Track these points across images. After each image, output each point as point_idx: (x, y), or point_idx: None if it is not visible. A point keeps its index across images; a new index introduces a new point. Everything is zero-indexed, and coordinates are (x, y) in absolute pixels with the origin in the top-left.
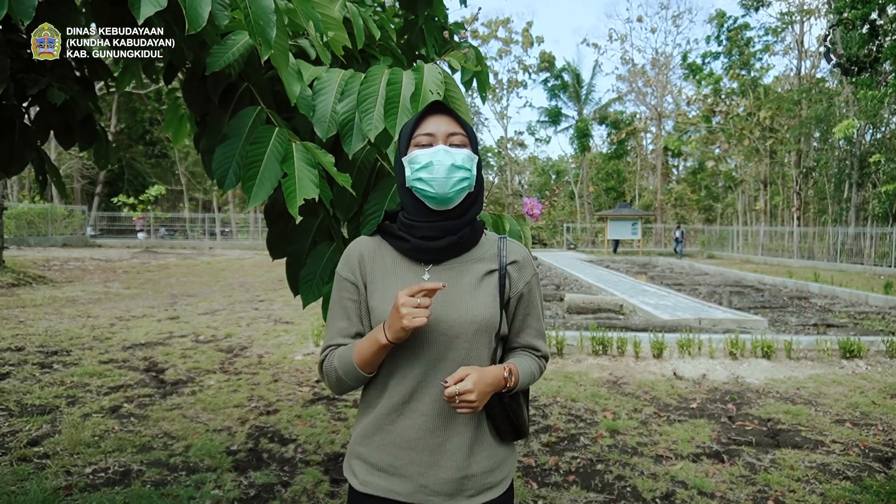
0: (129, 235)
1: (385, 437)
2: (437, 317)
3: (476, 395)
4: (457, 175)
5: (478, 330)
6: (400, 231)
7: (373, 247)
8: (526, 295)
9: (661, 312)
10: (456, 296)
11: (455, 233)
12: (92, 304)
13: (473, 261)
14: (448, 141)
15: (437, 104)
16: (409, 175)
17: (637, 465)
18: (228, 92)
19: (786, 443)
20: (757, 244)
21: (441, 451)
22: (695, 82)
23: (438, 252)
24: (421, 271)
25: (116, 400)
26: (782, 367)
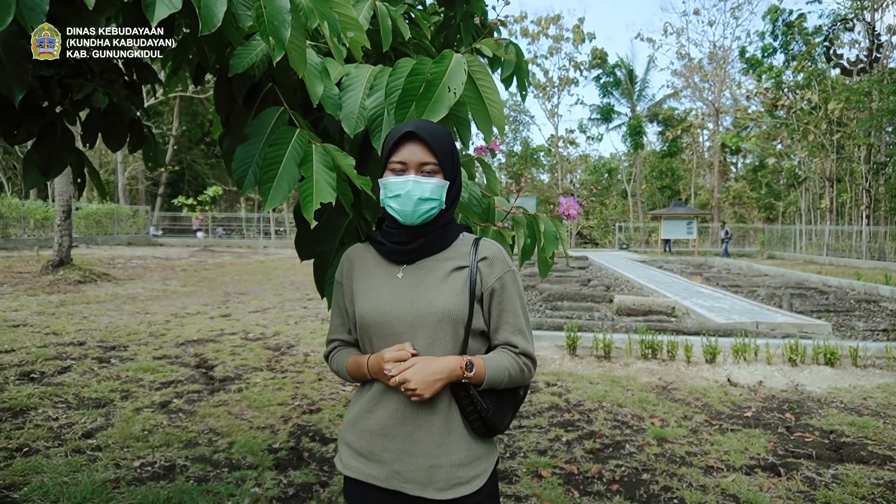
0: (189, 235)
1: (365, 424)
2: (403, 310)
3: (415, 383)
4: (424, 207)
5: (440, 320)
6: (380, 237)
7: (360, 252)
8: (498, 290)
9: (716, 315)
10: (423, 290)
11: (424, 237)
12: (150, 301)
13: (444, 259)
14: (420, 170)
15: (412, 133)
16: (383, 198)
17: (685, 475)
18: (254, 92)
19: (850, 457)
20: (822, 244)
21: (412, 440)
22: (755, 76)
23: (410, 253)
24: (396, 270)
25: (167, 395)
26: (847, 375)
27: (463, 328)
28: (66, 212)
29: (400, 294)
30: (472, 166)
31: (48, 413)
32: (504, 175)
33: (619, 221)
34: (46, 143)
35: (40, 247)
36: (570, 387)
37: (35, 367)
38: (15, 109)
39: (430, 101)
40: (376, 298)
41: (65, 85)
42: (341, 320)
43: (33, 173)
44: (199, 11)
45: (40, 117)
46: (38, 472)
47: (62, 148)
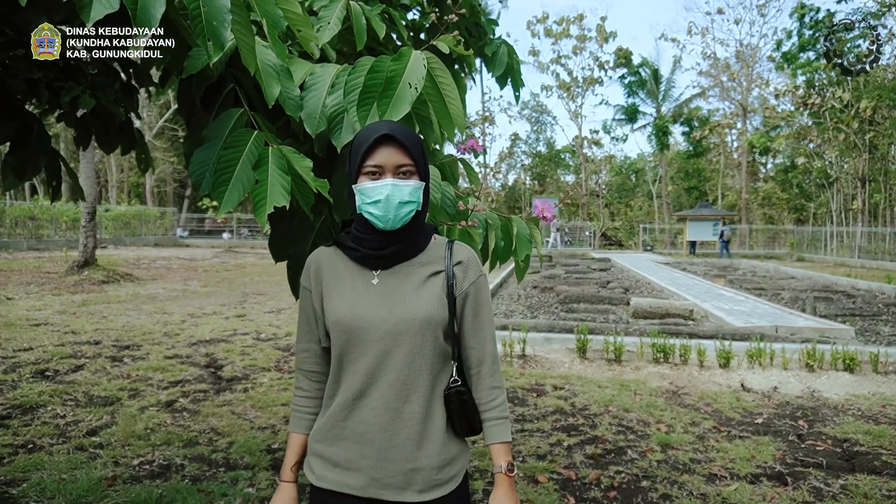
0: (215, 235)
1: (338, 433)
2: (382, 316)
3: None
4: (404, 210)
5: (421, 326)
6: (352, 243)
7: (328, 256)
8: (472, 295)
9: (735, 319)
10: (401, 296)
11: (401, 242)
12: (169, 301)
13: (420, 264)
14: (396, 172)
15: (387, 135)
16: (360, 204)
17: (686, 483)
18: (216, 94)
19: (862, 467)
20: (853, 246)
21: (391, 445)
22: (789, 72)
23: (385, 259)
24: (371, 276)
25: (174, 394)
26: (867, 381)
27: (442, 333)
28: (90, 213)
29: (377, 300)
30: (455, 167)
31: (56, 410)
32: (528, 176)
33: (645, 223)
34: (23, 146)
35: (69, 247)
36: (577, 390)
37: (50, 366)
38: None
39: (392, 98)
40: (352, 305)
41: (53, 87)
42: (307, 328)
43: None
44: (135, 13)
45: (17, 119)
46: (39, 469)
47: (38, 150)
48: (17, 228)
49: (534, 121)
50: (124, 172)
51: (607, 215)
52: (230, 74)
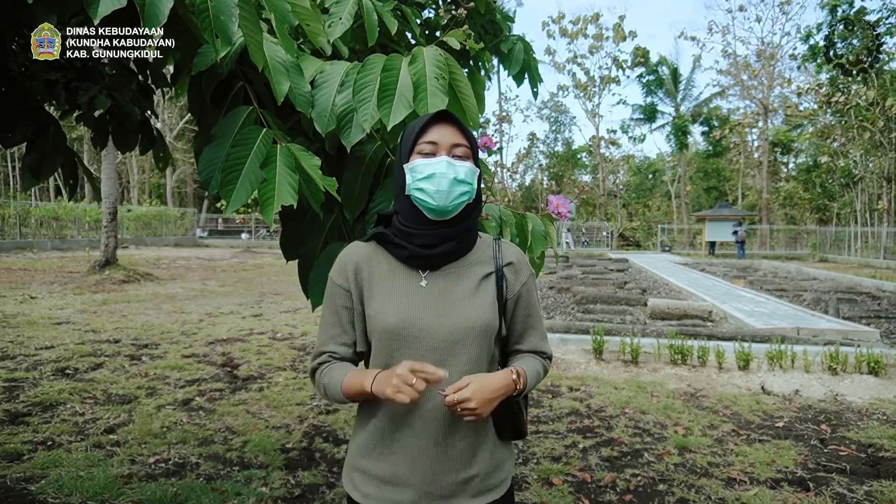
0: (234, 236)
1: (387, 448)
2: (436, 323)
3: (476, 402)
4: (458, 189)
5: (478, 335)
6: (397, 238)
7: (367, 254)
8: (524, 296)
9: (755, 320)
10: (454, 302)
11: (453, 239)
12: (188, 301)
13: (470, 265)
14: (451, 152)
15: (444, 112)
16: (410, 183)
17: (704, 487)
18: (225, 91)
19: (887, 473)
20: (878, 246)
21: (446, 457)
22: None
23: (436, 259)
24: (418, 277)
25: (190, 393)
26: (892, 385)
27: (494, 340)
28: (112, 214)
29: (429, 305)
30: None
31: (76, 408)
32: (546, 176)
33: (663, 223)
34: (39, 146)
35: (91, 247)
36: (593, 392)
37: (70, 364)
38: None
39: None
40: (402, 311)
41: (70, 88)
42: (339, 330)
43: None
44: (143, 9)
45: (34, 120)
46: (57, 466)
47: (54, 150)
48: (42, 228)
49: (552, 120)
50: (146, 173)
51: (625, 216)
52: (240, 72)
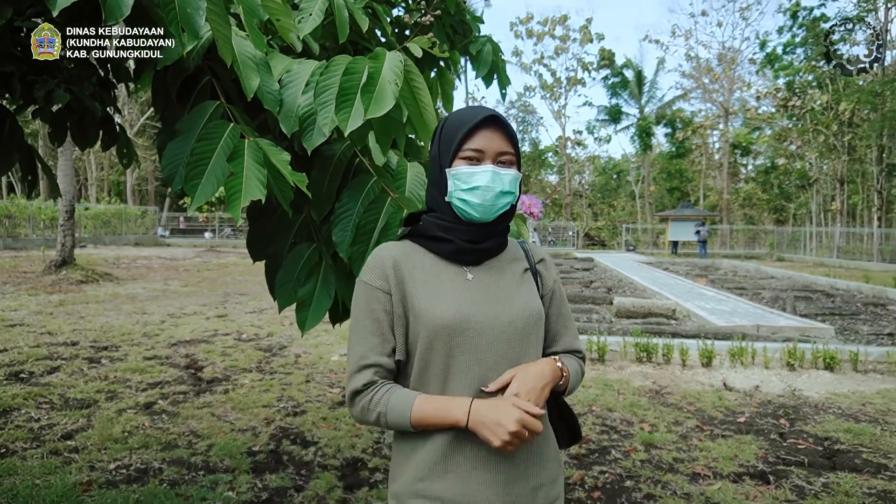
0: (197, 235)
1: (453, 463)
2: (494, 314)
3: (526, 394)
4: (503, 201)
5: (534, 324)
6: (440, 233)
7: (404, 251)
8: (557, 292)
9: (717, 318)
10: (504, 293)
11: (494, 236)
12: (149, 301)
13: (507, 261)
14: (497, 160)
15: (493, 117)
16: (453, 191)
17: (670, 483)
18: (191, 86)
19: (843, 465)
20: (832, 246)
21: (514, 464)
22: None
23: (481, 253)
24: (463, 272)
25: (152, 396)
26: (847, 380)
27: (542, 333)
28: (69, 212)
29: (482, 298)
30: None
31: (31, 414)
32: None
33: (627, 223)
34: None
35: (46, 246)
36: None
37: (25, 367)
38: None
39: (374, 93)
40: (458, 302)
41: (27, 81)
42: (380, 339)
43: None
44: (105, 2)
45: None
46: (11, 475)
47: (10, 144)
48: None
49: (520, 120)
50: (104, 170)
51: (590, 215)
52: (207, 67)
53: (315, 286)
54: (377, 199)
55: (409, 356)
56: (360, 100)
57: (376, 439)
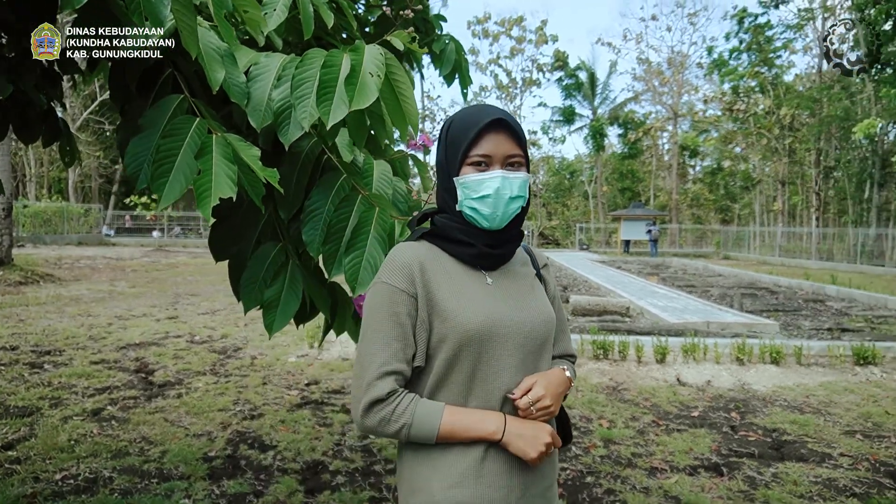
0: (144, 234)
1: (482, 469)
2: (519, 319)
3: (550, 398)
4: (514, 206)
5: (551, 330)
6: (461, 236)
7: (428, 253)
8: (557, 298)
9: (669, 315)
10: (524, 297)
11: (510, 240)
12: (95, 303)
13: (518, 265)
14: (505, 163)
15: (500, 120)
16: (463, 199)
17: (629, 477)
18: (152, 79)
19: (790, 455)
20: (774, 245)
21: (533, 468)
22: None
23: (499, 259)
24: (483, 277)
25: (100, 402)
26: (791, 373)
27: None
28: (5, 209)
29: (506, 303)
30: (405, 163)
31: None
32: None
33: (581, 222)
34: None
35: None
36: None
37: None
38: None
39: (356, 85)
40: (486, 307)
41: None
42: (402, 344)
43: None
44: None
45: None
46: None
47: None
48: None
49: None
50: (44, 166)
51: (545, 215)
52: (168, 59)
53: (282, 287)
54: (348, 197)
55: (428, 362)
56: (344, 91)
57: (337, 441)
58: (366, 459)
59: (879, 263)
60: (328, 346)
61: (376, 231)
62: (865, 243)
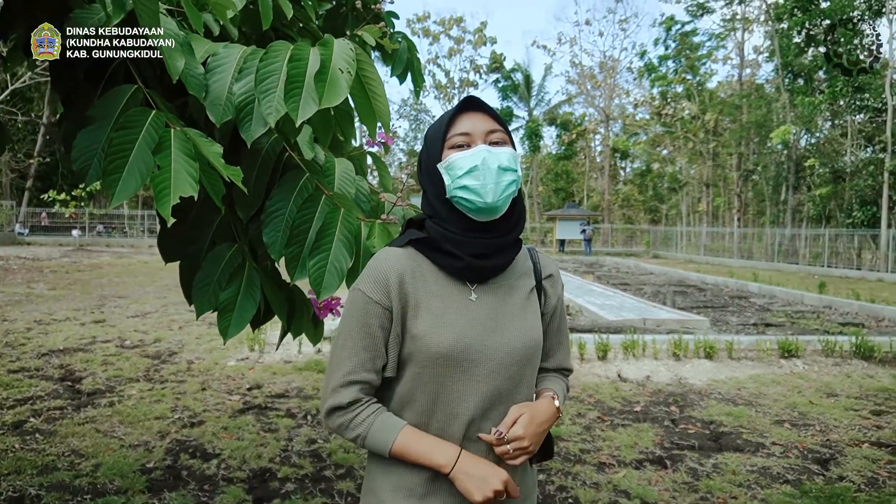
0: (63, 233)
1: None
2: (493, 344)
3: (529, 440)
4: (506, 178)
5: (532, 355)
6: (449, 247)
7: (410, 264)
8: (559, 310)
9: (607, 313)
10: (506, 318)
11: (505, 249)
12: (10, 307)
13: (515, 276)
14: (487, 139)
15: (471, 99)
16: (451, 184)
17: (579, 474)
18: (101, 67)
19: (728, 446)
20: (699, 244)
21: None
22: (649, 82)
23: (490, 271)
24: (467, 291)
25: (22, 414)
26: (724, 367)
27: (538, 360)
28: None
29: (482, 324)
30: (364, 161)
31: None
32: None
33: None
34: None
35: None
36: None
37: None
38: None
39: (326, 82)
40: (458, 329)
41: None
42: (372, 354)
43: None
44: None
45: None
46: None
47: None
48: None
49: (412, 118)
50: None
51: None
52: None
53: (238, 289)
54: (312, 197)
55: (399, 375)
56: (314, 87)
57: (283, 447)
58: (315, 465)
59: (794, 262)
60: (269, 349)
61: (342, 233)
62: (782, 243)
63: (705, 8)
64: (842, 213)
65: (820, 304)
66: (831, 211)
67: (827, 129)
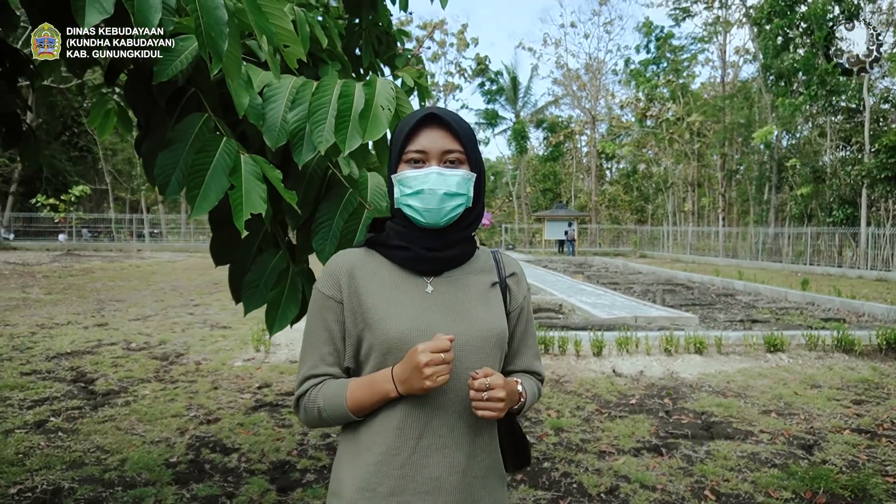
0: (48, 237)
1: (397, 483)
2: (451, 330)
3: (504, 393)
4: (450, 204)
5: (494, 344)
6: (398, 241)
7: (362, 259)
8: (525, 310)
9: (599, 311)
10: (466, 308)
11: (456, 245)
12: (9, 312)
13: (474, 272)
14: (443, 159)
15: (433, 115)
16: (399, 197)
17: (581, 461)
18: (176, 95)
19: (719, 434)
20: (686, 244)
21: (464, 486)
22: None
23: (441, 262)
24: (423, 283)
25: (42, 414)
26: (713, 361)
27: (502, 354)
28: None
29: (440, 312)
30: None
31: None
32: None
33: (505, 223)
34: None
35: None
36: None
37: None
38: None
39: (369, 118)
40: (412, 315)
41: None
42: (331, 348)
43: None
44: (134, 16)
45: None
46: None
47: None
48: None
49: None
50: None
51: None
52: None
53: (283, 291)
54: (356, 212)
55: (360, 366)
56: (358, 123)
57: (299, 441)
58: (331, 457)
59: (777, 260)
60: (275, 350)
61: None
62: (765, 241)
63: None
64: (822, 212)
65: (803, 300)
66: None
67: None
